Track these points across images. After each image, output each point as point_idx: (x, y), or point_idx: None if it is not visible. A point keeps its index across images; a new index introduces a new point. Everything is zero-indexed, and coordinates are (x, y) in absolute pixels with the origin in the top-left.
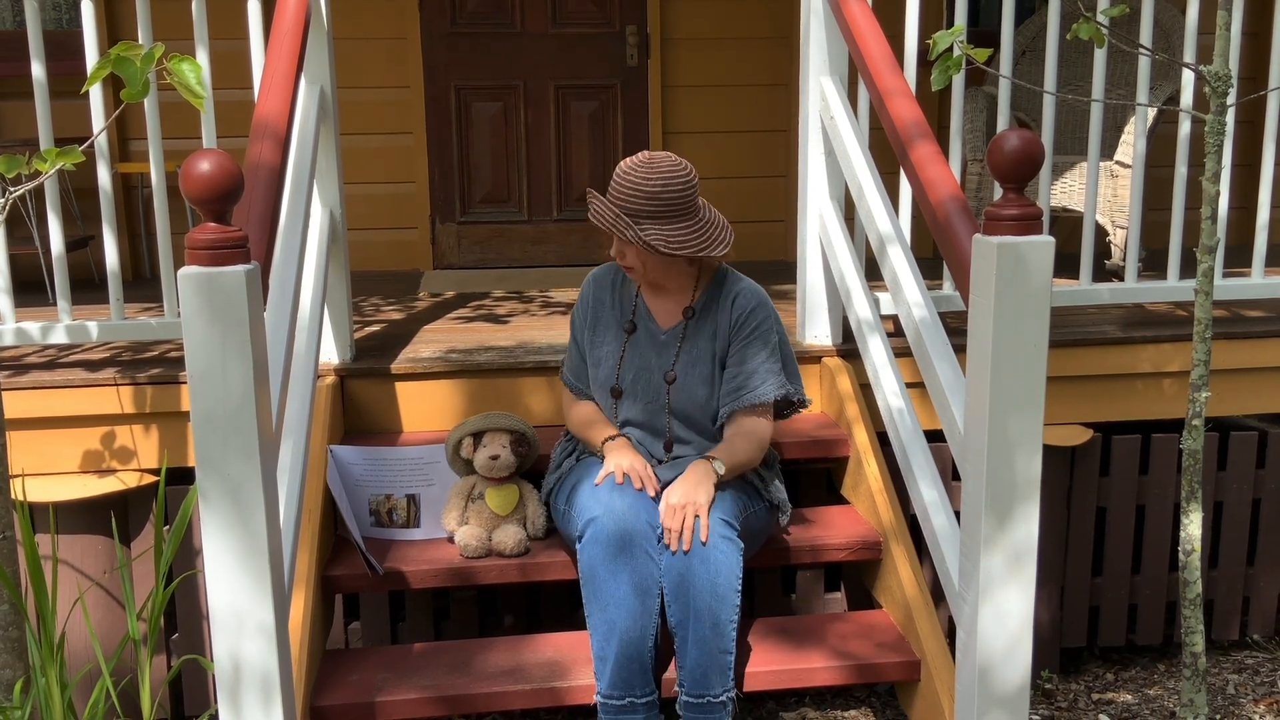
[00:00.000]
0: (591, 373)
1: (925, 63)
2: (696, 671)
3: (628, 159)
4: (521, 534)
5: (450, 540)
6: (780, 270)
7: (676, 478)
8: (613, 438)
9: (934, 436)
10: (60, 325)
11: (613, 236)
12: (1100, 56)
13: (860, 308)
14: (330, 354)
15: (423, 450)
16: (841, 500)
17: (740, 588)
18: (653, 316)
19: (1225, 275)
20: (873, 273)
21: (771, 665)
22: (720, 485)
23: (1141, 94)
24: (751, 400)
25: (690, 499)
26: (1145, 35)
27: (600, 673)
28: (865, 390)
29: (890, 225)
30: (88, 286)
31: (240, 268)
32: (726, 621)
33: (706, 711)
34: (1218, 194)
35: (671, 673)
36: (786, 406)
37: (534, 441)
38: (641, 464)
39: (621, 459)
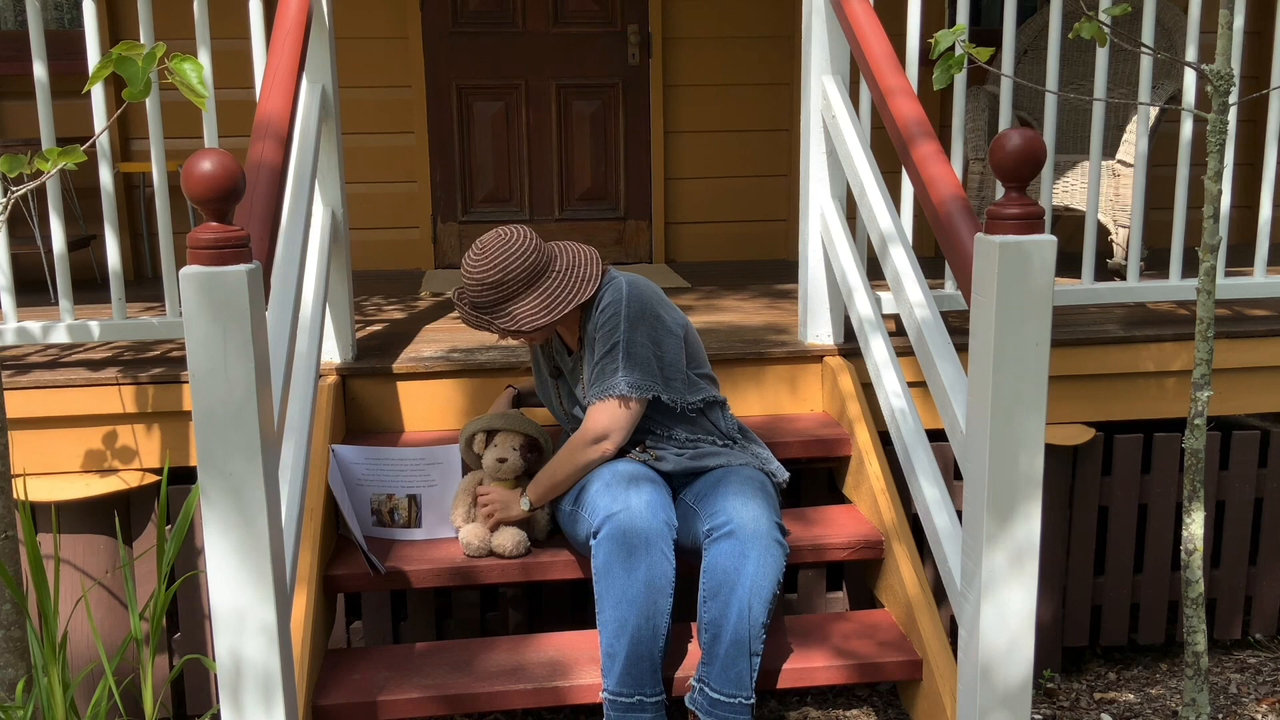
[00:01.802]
0: (542, 399)
1: (927, 61)
2: (731, 671)
3: (467, 253)
4: (521, 536)
5: (456, 535)
6: (782, 269)
7: (699, 471)
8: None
9: (936, 435)
10: (62, 325)
11: None
12: (1102, 55)
13: (862, 307)
14: (332, 353)
15: (424, 451)
16: (843, 499)
17: (780, 592)
18: (567, 349)
19: (1227, 274)
20: (874, 272)
21: (773, 664)
22: (759, 484)
23: (1143, 93)
24: (591, 400)
25: (498, 510)
26: (1147, 34)
27: (609, 669)
28: (867, 389)
29: (892, 224)
30: (89, 286)
31: (242, 267)
32: (761, 626)
33: (737, 712)
34: (1220, 193)
35: (680, 671)
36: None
37: (546, 448)
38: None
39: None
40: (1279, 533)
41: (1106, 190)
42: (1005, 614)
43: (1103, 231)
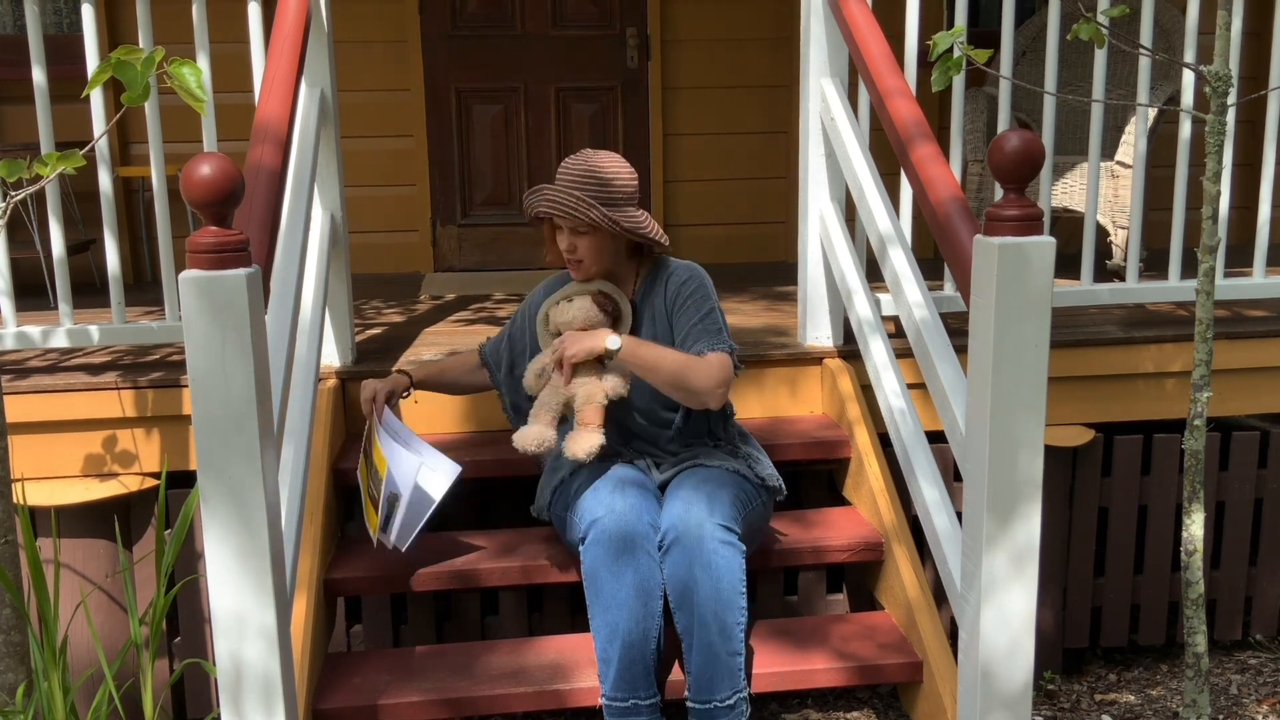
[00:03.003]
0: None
1: (925, 63)
2: (702, 677)
3: (578, 153)
4: (599, 441)
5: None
6: (781, 271)
7: (676, 474)
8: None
9: (935, 437)
10: (61, 329)
11: (557, 231)
12: (1100, 57)
13: (861, 308)
14: (331, 357)
15: (426, 458)
16: (843, 501)
17: (745, 590)
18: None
19: (1226, 275)
20: (874, 274)
21: (774, 667)
22: (716, 483)
23: (1142, 94)
24: (701, 350)
25: (571, 342)
26: (1145, 35)
27: (604, 675)
28: (867, 391)
29: (891, 226)
30: (89, 290)
31: (241, 271)
32: (733, 625)
33: (712, 717)
34: (1218, 194)
35: (678, 674)
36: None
37: (622, 301)
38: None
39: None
40: (1279, 533)
41: (1105, 191)
42: (1006, 616)
43: (1102, 233)
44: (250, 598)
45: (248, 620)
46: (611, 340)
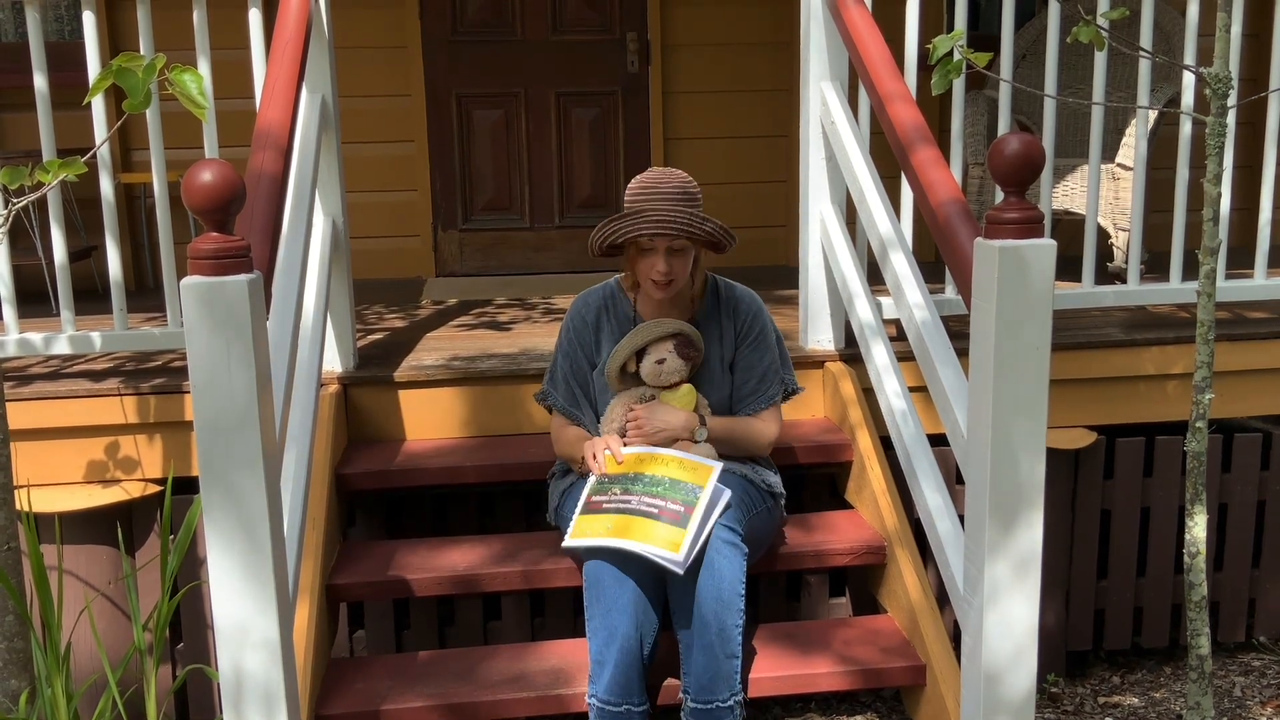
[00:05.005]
0: (600, 396)
1: (925, 67)
2: (703, 678)
3: (641, 179)
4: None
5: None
6: (782, 275)
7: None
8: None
9: (937, 440)
10: (64, 336)
11: (644, 255)
12: (1100, 59)
13: (862, 312)
14: (333, 362)
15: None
16: (845, 505)
17: (744, 593)
18: None
19: (1227, 277)
20: (874, 277)
21: (777, 671)
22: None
23: (1142, 96)
24: (764, 404)
25: (659, 426)
26: (1145, 38)
27: (597, 676)
28: (868, 394)
29: (891, 229)
30: (91, 297)
31: (243, 277)
32: (732, 627)
33: (713, 717)
34: (1219, 196)
35: (669, 681)
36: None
37: (699, 341)
38: (605, 440)
39: (593, 444)
40: None
41: (1106, 193)
42: (1009, 621)
43: (1103, 235)
44: (252, 605)
45: (250, 630)
46: (701, 434)
